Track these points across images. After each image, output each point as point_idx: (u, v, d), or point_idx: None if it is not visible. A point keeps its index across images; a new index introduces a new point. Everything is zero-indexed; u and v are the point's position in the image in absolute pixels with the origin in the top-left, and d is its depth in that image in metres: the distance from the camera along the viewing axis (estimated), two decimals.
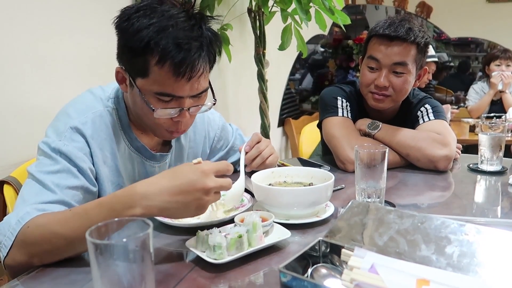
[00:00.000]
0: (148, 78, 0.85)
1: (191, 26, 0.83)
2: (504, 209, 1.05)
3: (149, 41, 0.81)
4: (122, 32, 0.85)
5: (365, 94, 1.39)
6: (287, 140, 3.36)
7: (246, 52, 2.40)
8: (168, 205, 0.70)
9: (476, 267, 0.54)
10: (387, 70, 1.31)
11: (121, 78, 0.92)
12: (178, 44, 0.81)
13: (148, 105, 0.86)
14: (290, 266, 0.59)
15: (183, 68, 0.82)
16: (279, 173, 1.03)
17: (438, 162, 1.28)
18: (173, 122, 0.91)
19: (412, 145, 1.31)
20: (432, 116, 1.39)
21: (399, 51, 1.29)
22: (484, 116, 2.45)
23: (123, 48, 0.87)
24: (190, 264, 0.73)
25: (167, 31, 0.81)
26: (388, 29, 1.28)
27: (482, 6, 4.08)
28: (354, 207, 0.72)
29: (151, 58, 0.82)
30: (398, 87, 1.32)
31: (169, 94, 0.86)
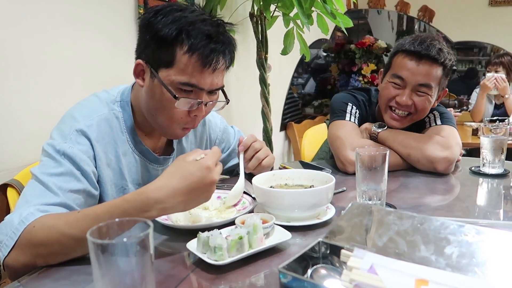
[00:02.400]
0: (173, 68, 0.89)
1: (217, 24, 0.91)
2: (506, 211, 1.05)
3: (180, 32, 0.86)
4: (149, 25, 0.89)
5: (384, 109, 1.38)
6: (290, 144, 3.36)
7: (248, 56, 2.42)
8: (182, 204, 0.75)
9: (475, 267, 0.54)
10: (411, 89, 1.30)
11: (139, 71, 0.94)
12: (208, 35, 0.88)
13: (171, 93, 0.89)
14: (290, 266, 0.60)
15: (210, 58, 0.88)
16: (280, 176, 1.03)
17: (438, 163, 1.28)
18: (189, 117, 0.95)
19: (413, 145, 1.31)
20: (439, 121, 1.39)
21: (426, 72, 1.27)
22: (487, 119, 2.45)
23: (148, 41, 0.90)
24: (191, 265, 0.73)
25: (196, 24, 0.87)
26: (419, 46, 1.26)
27: (484, 10, 4.08)
28: (354, 208, 0.72)
29: (179, 48, 0.87)
30: (419, 107, 1.32)
31: (192, 85, 0.90)
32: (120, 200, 0.74)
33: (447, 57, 1.28)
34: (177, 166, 0.77)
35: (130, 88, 1.03)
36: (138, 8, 1.74)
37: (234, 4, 2.30)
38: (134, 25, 1.73)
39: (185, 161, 0.77)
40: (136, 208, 0.72)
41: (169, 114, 0.93)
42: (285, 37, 2.13)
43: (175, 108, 0.91)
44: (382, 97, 1.38)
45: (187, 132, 1.01)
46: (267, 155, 1.10)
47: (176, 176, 0.75)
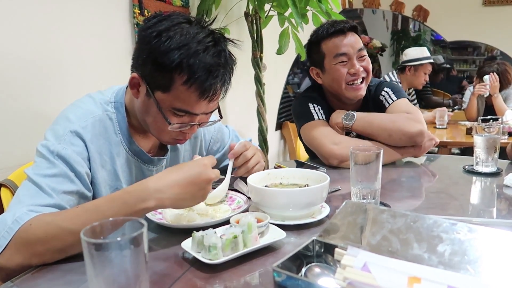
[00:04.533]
0: (169, 94, 0.89)
1: (219, 52, 0.90)
2: (499, 210, 1.06)
3: (180, 62, 0.85)
4: (150, 46, 0.88)
5: (343, 89, 1.49)
6: (285, 144, 3.36)
7: (243, 55, 2.41)
8: (179, 196, 0.78)
9: (467, 265, 0.55)
10: (355, 58, 1.46)
11: (134, 84, 0.94)
12: (208, 70, 0.87)
13: (165, 119, 0.91)
14: (284, 265, 0.60)
15: (207, 91, 0.89)
16: (275, 175, 1.03)
17: (416, 137, 1.38)
18: (181, 133, 0.97)
19: (391, 126, 1.39)
20: (394, 96, 1.51)
21: (355, 39, 1.47)
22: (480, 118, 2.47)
23: (146, 60, 0.89)
24: (185, 264, 0.73)
25: (198, 55, 0.86)
26: (334, 27, 1.46)
27: (478, 10, 4.10)
28: (348, 207, 0.72)
29: (178, 77, 0.87)
30: (368, 69, 1.49)
31: (187, 111, 0.92)
32: (121, 192, 0.78)
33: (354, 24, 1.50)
34: (179, 164, 0.84)
35: (124, 89, 1.02)
36: (133, 8, 1.74)
37: (229, 4, 2.30)
38: (128, 24, 1.73)
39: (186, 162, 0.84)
40: (136, 197, 0.76)
41: (162, 130, 0.95)
42: (280, 37, 2.13)
43: (167, 128, 0.93)
44: (337, 79, 1.48)
45: (181, 143, 1.03)
46: (257, 163, 1.09)
47: (174, 171, 0.81)
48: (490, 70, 3.11)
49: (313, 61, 1.55)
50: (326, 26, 1.47)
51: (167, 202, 0.78)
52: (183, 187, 0.78)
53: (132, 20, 1.74)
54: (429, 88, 4.23)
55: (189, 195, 0.80)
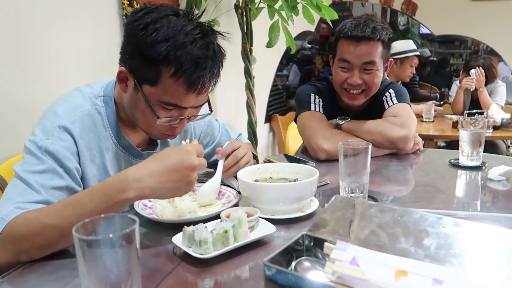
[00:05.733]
0: (157, 87, 0.88)
1: (207, 44, 0.88)
2: (484, 203, 1.08)
3: (168, 54, 0.84)
4: (137, 39, 0.87)
5: (340, 91, 1.48)
6: (274, 136, 3.37)
7: (233, 48, 2.40)
8: (160, 185, 0.75)
9: (452, 258, 0.56)
10: (358, 69, 1.41)
11: (122, 78, 0.93)
12: (196, 63, 0.86)
13: (153, 112, 0.90)
14: (274, 259, 0.61)
15: (196, 84, 0.87)
16: (265, 169, 1.04)
17: (397, 142, 1.40)
18: (170, 127, 0.95)
19: (374, 130, 1.42)
20: (395, 100, 1.50)
21: (367, 51, 1.38)
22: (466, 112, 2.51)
23: (133, 53, 0.88)
24: (176, 259, 0.74)
25: (186, 47, 0.85)
26: (355, 30, 1.37)
27: (465, 4, 4.14)
28: (337, 202, 0.73)
29: (166, 69, 0.86)
30: (370, 83, 1.43)
31: (176, 105, 0.90)
32: (101, 184, 0.76)
33: (383, 32, 1.38)
34: (160, 152, 0.81)
35: (113, 83, 1.02)
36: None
37: None
38: (117, 16, 1.71)
39: (168, 148, 0.81)
40: (115, 188, 0.73)
41: (151, 125, 0.95)
42: (270, 30, 2.13)
43: (156, 122, 0.92)
44: (335, 82, 1.48)
45: (170, 138, 1.03)
46: (248, 162, 1.09)
47: (155, 159, 0.78)
48: (476, 64, 3.16)
49: (332, 52, 1.50)
50: (350, 26, 1.39)
51: (147, 192, 0.75)
52: (164, 176, 0.75)
53: (121, 11, 1.72)
54: (416, 81, 4.27)
55: (171, 184, 0.75)
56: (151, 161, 0.77)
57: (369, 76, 1.41)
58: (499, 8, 4.01)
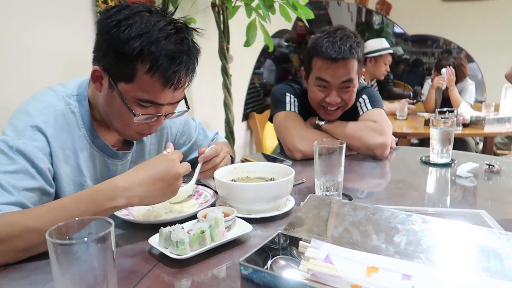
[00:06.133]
0: (133, 84, 0.87)
1: (181, 39, 0.88)
2: (453, 198, 1.13)
3: (142, 50, 0.83)
4: (110, 36, 0.85)
5: (317, 108, 1.49)
6: (251, 134, 3.38)
7: (210, 46, 2.40)
8: (148, 193, 0.79)
9: (420, 254, 0.59)
10: (336, 88, 1.40)
11: (97, 77, 0.91)
12: (171, 57, 0.86)
13: (130, 110, 0.89)
14: (250, 259, 0.62)
15: (172, 79, 0.87)
16: (241, 169, 1.05)
17: (375, 149, 1.42)
18: (147, 125, 0.95)
19: (352, 135, 1.43)
20: (369, 105, 1.52)
21: (345, 71, 1.36)
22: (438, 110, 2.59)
23: (107, 51, 0.87)
24: (153, 260, 0.74)
25: (160, 42, 0.85)
26: (332, 51, 1.34)
27: (437, 5, 4.25)
28: (312, 200, 0.75)
29: (140, 65, 0.85)
30: (347, 100, 1.44)
31: (152, 102, 0.90)
32: (88, 190, 0.78)
33: (358, 50, 1.37)
34: (146, 161, 0.84)
35: (87, 82, 1.00)
36: None
37: None
38: (91, 13, 1.67)
39: (154, 157, 0.84)
40: (104, 196, 0.75)
41: (127, 124, 0.93)
42: (248, 29, 2.13)
43: (132, 121, 0.91)
44: (312, 100, 1.47)
45: (144, 136, 1.02)
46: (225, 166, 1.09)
47: (143, 168, 0.81)
48: (447, 63, 3.26)
49: (304, 65, 1.49)
50: (325, 44, 1.35)
51: (136, 200, 0.78)
52: (152, 184, 0.78)
53: (95, 9, 1.68)
54: (390, 79, 4.37)
55: (158, 192, 0.79)
56: (139, 170, 0.80)
57: (347, 94, 1.42)
58: (469, 9, 4.14)
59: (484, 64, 4.17)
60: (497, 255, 0.55)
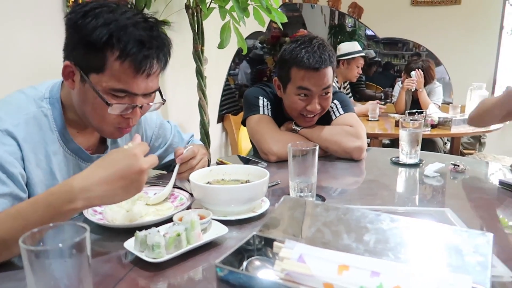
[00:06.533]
0: (104, 74, 0.86)
1: (150, 27, 0.88)
2: (421, 197, 1.18)
3: (110, 37, 0.83)
4: (77, 27, 0.85)
5: (296, 117, 1.50)
6: (227, 136, 3.39)
7: (184, 48, 2.39)
8: (109, 192, 0.73)
9: (388, 251, 0.62)
10: (317, 96, 1.42)
11: (68, 73, 0.90)
12: (141, 42, 0.85)
13: (103, 100, 0.87)
14: (226, 260, 0.63)
15: (143, 64, 0.86)
16: (217, 171, 1.06)
17: (352, 152, 1.46)
18: (124, 118, 0.93)
19: (329, 139, 1.47)
20: (342, 110, 1.56)
21: (325, 77, 1.40)
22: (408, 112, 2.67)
23: (76, 44, 0.86)
24: (129, 264, 0.74)
25: (128, 28, 0.84)
26: (312, 60, 1.36)
27: (406, 9, 4.39)
28: (286, 202, 0.77)
29: (110, 53, 0.84)
30: (325, 106, 1.48)
31: (125, 91, 0.88)
32: (45, 194, 0.73)
33: (333, 57, 1.43)
34: (105, 157, 0.77)
35: (59, 84, 0.99)
36: None
37: None
38: (62, 14, 1.64)
39: (113, 151, 0.78)
40: (61, 199, 0.71)
41: (103, 118, 0.92)
42: (222, 31, 2.14)
43: (108, 113, 0.89)
44: (293, 109, 1.48)
45: (124, 133, 1.00)
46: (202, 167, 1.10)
47: (102, 165, 0.75)
48: (416, 66, 3.37)
49: (279, 75, 1.49)
50: (304, 54, 1.36)
51: (96, 201, 0.74)
52: (112, 183, 0.73)
53: (65, 9, 1.65)
54: (363, 81, 4.47)
55: (120, 190, 0.74)
56: (97, 167, 0.74)
57: (326, 100, 1.45)
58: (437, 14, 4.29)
59: (451, 67, 4.34)
60: (459, 251, 0.59)
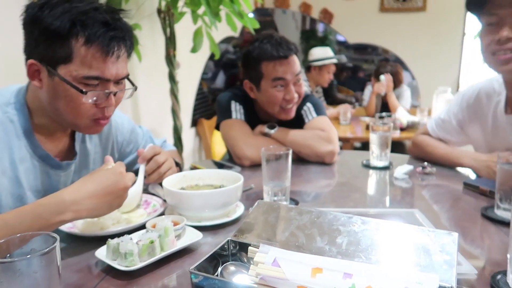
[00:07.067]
0: (73, 63, 0.85)
1: (111, 11, 0.88)
2: (391, 198, 1.21)
3: (73, 23, 0.82)
4: (36, 21, 0.83)
5: (277, 111, 1.51)
6: (200, 141, 3.37)
7: (156, 53, 2.37)
8: (96, 206, 0.79)
9: (360, 253, 0.63)
10: (292, 83, 1.47)
11: (34, 72, 0.88)
12: (105, 24, 0.85)
13: (77, 89, 0.86)
14: (201, 266, 0.63)
15: (111, 46, 0.85)
16: (191, 177, 1.05)
17: (325, 157, 1.49)
18: (99, 108, 0.92)
19: (302, 143, 1.49)
20: (314, 113, 1.59)
21: (295, 64, 1.46)
22: (378, 115, 2.74)
23: (38, 39, 0.84)
24: (100, 273, 0.72)
25: (90, 13, 0.84)
26: (281, 50, 1.43)
27: (375, 15, 4.51)
28: (260, 206, 0.78)
29: (75, 41, 0.83)
30: (300, 93, 1.51)
31: (97, 77, 0.87)
32: (33, 205, 0.75)
33: (295, 46, 1.49)
34: (93, 173, 0.84)
35: (25, 88, 0.96)
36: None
37: None
38: None
39: (99, 169, 0.84)
40: (51, 210, 0.74)
41: (77, 111, 0.89)
42: (194, 36, 2.13)
43: (82, 103, 0.87)
44: (273, 103, 1.50)
45: (102, 126, 0.97)
46: (169, 168, 1.09)
47: (91, 180, 0.81)
48: (385, 71, 3.48)
49: (249, 76, 1.52)
50: (270, 48, 1.43)
51: (85, 213, 0.78)
52: (100, 197, 0.79)
53: None
54: (335, 85, 4.55)
55: (106, 204, 0.81)
56: (87, 182, 0.80)
57: (300, 87, 1.50)
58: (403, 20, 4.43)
59: (418, 71, 4.48)
60: (426, 250, 0.61)
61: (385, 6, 4.47)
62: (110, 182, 0.81)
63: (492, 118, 1.28)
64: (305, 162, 1.51)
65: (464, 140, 1.46)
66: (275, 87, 1.46)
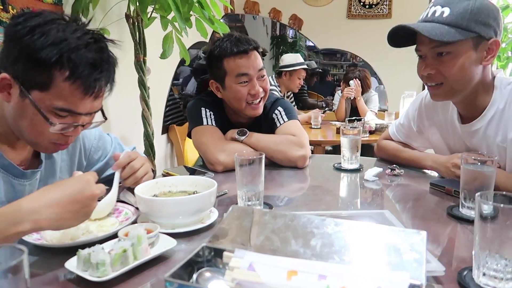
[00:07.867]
0: (49, 92, 0.83)
1: (101, 48, 0.87)
2: (362, 200, 1.24)
3: (61, 57, 0.81)
4: (23, 43, 0.81)
5: (244, 108, 1.52)
6: (172, 147, 3.33)
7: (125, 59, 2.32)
8: (58, 216, 0.73)
9: (334, 254, 0.64)
10: (256, 78, 1.48)
11: (4, 85, 0.85)
12: (93, 65, 0.84)
13: (46, 119, 0.84)
14: (175, 274, 0.62)
15: (93, 87, 0.85)
16: (163, 183, 1.04)
17: (297, 161, 1.50)
18: (63, 136, 0.91)
19: (274, 149, 1.50)
20: (285, 117, 1.60)
21: (257, 60, 1.49)
22: (347, 119, 2.80)
23: (18, 58, 0.82)
24: (70, 285, 0.70)
25: (80, 50, 0.83)
26: (240, 45, 1.45)
27: (343, 22, 4.62)
28: (234, 211, 0.78)
29: (59, 73, 0.82)
30: (266, 89, 1.53)
31: (70, 111, 0.86)
32: None
33: (256, 43, 1.51)
34: (57, 182, 0.80)
35: None
36: None
37: (108, 4, 2.19)
38: None
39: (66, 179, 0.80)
40: (7, 221, 0.69)
41: (41, 134, 0.88)
42: (164, 41, 2.11)
43: (47, 130, 0.86)
44: (238, 99, 1.51)
45: (63, 149, 0.96)
46: (146, 173, 1.07)
47: (53, 188, 0.75)
48: (353, 76, 3.57)
49: (214, 75, 1.53)
50: (230, 44, 1.45)
51: (45, 224, 0.72)
52: (63, 206, 0.73)
53: None
54: (305, 90, 4.62)
55: (71, 214, 0.74)
56: (48, 190, 0.75)
57: (265, 82, 1.51)
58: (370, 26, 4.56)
59: (385, 76, 4.62)
60: (397, 250, 0.63)
61: (352, 13, 4.59)
62: (75, 190, 0.75)
63: (450, 124, 1.33)
64: (278, 166, 1.53)
65: (425, 144, 1.51)
66: (240, 83, 1.47)
